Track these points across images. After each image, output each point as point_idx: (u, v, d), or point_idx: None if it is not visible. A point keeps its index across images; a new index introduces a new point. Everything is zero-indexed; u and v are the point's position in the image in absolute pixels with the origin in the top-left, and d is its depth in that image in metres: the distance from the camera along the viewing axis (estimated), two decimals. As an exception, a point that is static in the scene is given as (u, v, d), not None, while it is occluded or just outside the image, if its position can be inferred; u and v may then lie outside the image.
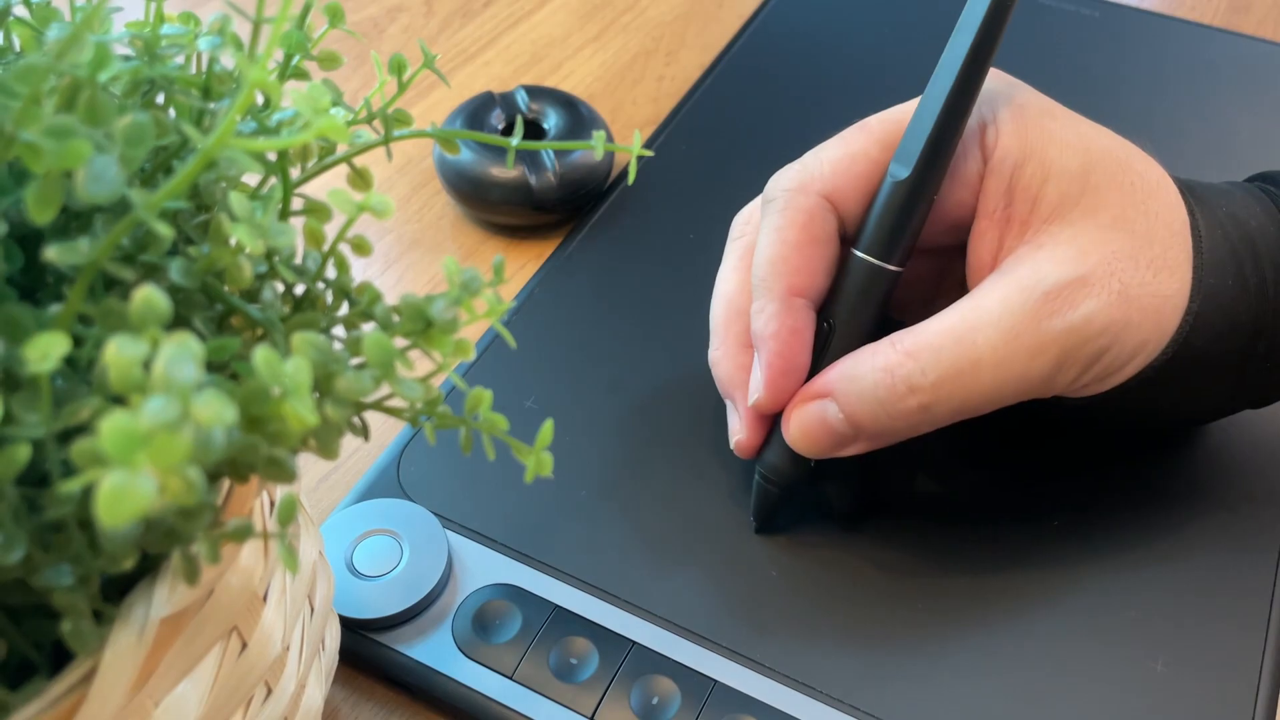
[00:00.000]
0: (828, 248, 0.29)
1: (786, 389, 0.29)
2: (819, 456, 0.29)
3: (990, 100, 0.29)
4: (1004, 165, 0.28)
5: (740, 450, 0.30)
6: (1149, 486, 0.32)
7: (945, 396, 0.27)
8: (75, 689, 0.16)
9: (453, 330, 0.18)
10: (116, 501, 0.12)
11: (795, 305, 0.28)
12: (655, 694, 0.28)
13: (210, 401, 0.13)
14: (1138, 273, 0.27)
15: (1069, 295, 0.26)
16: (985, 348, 0.26)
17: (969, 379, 0.26)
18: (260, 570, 0.20)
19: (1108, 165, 0.27)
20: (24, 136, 0.14)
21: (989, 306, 0.27)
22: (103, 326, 0.15)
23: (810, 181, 0.29)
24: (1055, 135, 0.28)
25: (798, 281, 0.28)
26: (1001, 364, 0.26)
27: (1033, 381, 0.27)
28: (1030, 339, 0.26)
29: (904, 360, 0.27)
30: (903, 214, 0.28)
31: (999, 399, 0.27)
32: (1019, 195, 0.28)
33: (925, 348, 0.27)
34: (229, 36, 0.19)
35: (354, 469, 0.34)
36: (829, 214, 0.29)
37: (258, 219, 0.16)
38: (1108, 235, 0.27)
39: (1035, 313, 0.26)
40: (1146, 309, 0.27)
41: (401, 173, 0.45)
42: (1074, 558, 0.31)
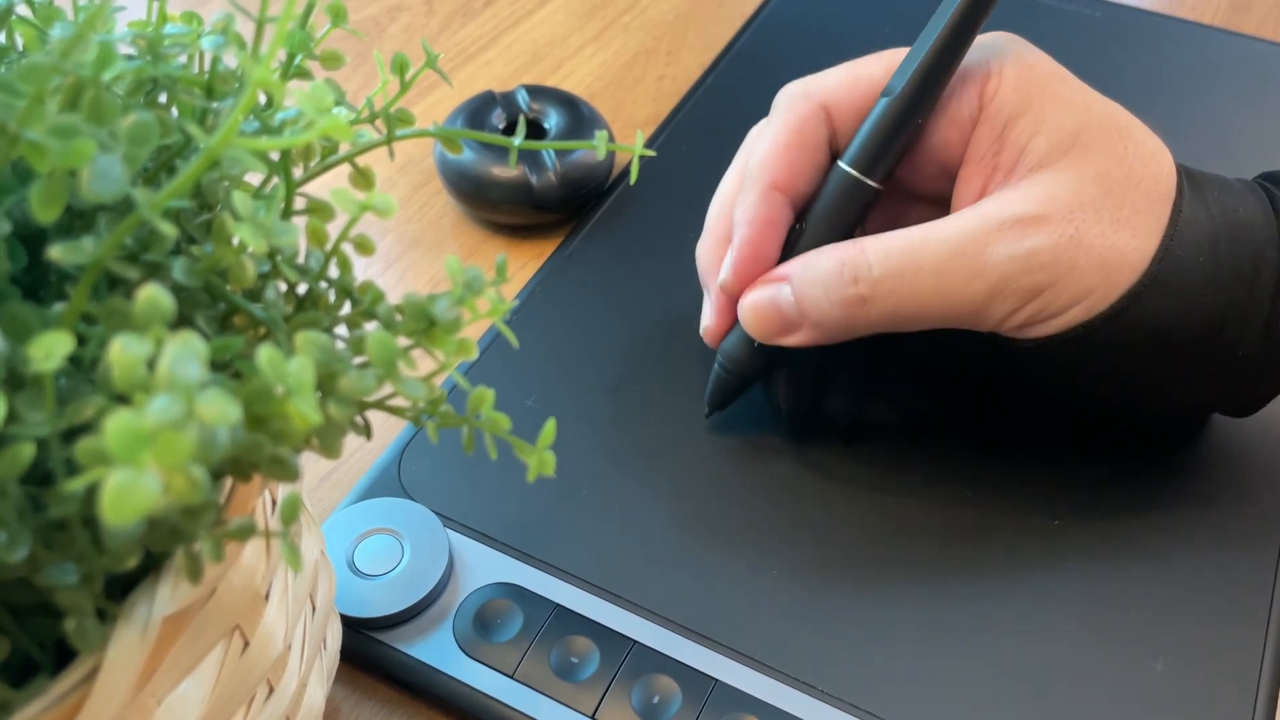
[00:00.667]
0: (816, 153, 0.30)
1: (750, 274, 0.30)
2: (765, 339, 0.30)
3: (1000, 54, 0.29)
4: (999, 115, 0.29)
5: (706, 335, 0.32)
6: (1149, 486, 0.32)
7: (884, 294, 0.28)
8: (78, 687, 0.16)
9: (455, 329, 0.18)
10: (121, 500, 0.12)
11: (773, 199, 0.30)
12: (656, 693, 0.28)
13: (214, 400, 0.13)
14: (1099, 224, 0.27)
15: (1021, 228, 0.27)
16: (930, 257, 0.28)
17: (909, 283, 0.28)
18: (263, 569, 0.20)
19: (1104, 127, 0.28)
20: (28, 135, 0.14)
21: (948, 225, 0.28)
22: (107, 325, 0.15)
23: (813, 91, 0.31)
24: (1057, 94, 0.28)
25: (780, 178, 0.30)
26: (941, 274, 0.28)
27: (968, 302, 0.28)
28: (972, 259, 0.27)
29: (857, 253, 0.28)
30: (890, 131, 0.29)
31: (932, 313, 0.28)
32: (1008, 145, 0.28)
33: (879, 247, 0.28)
34: (232, 36, 0.19)
35: (355, 468, 0.34)
36: (822, 122, 0.30)
37: (261, 218, 0.16)
38: (1081, 186, 0.27)
39: (985, 237, 0.27)
40: (1096, 258, 0.27)
41: (402, 172, 0.45)
42: (1074, 557, 0.31)
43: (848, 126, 0.30)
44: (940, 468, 0.33)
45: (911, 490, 0.32)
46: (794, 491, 0.32)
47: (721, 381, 0.32)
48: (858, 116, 0.30)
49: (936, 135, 0.30)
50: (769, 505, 0.32)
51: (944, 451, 0.33)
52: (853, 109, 0.30)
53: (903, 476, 0.33)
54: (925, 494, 0.32)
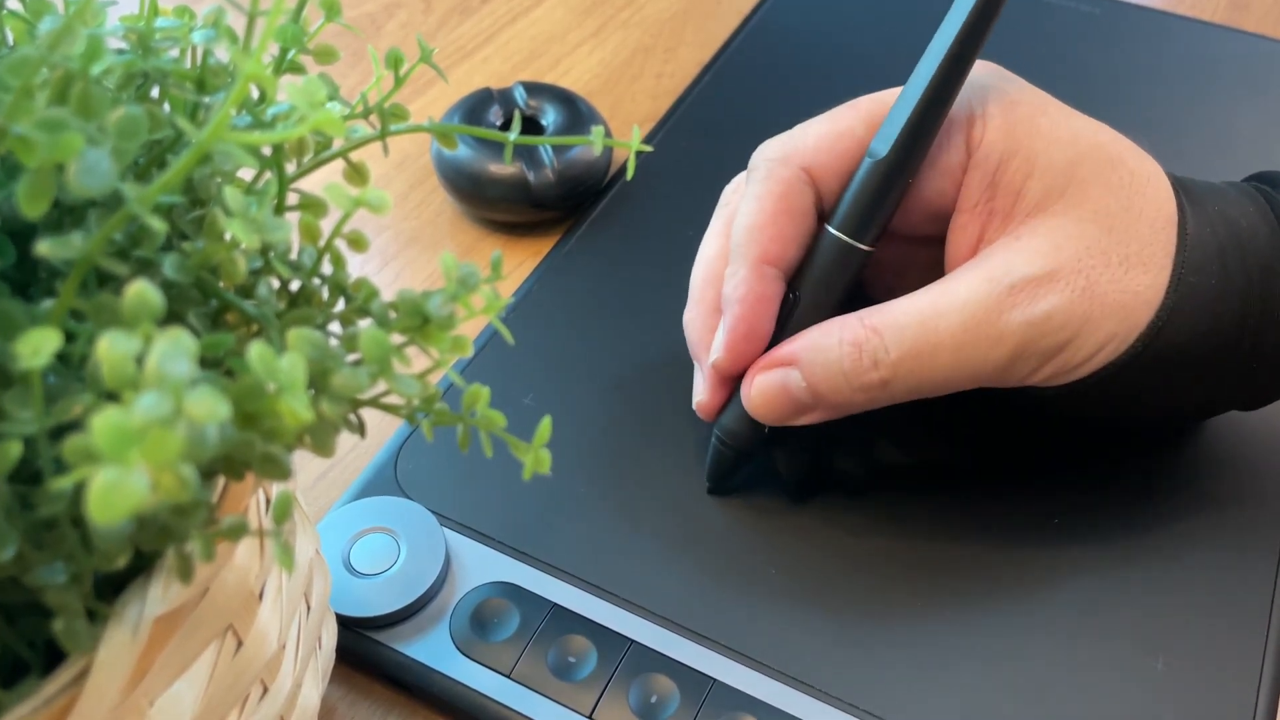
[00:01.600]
0: (803, 220, 0.29)
1: (746, 353, 0.29)
2: (776, 423, 0.30)
3: (981, 94, 0.29)
4: (989, 159, 0.28)
5: (701, 410, 0.31)
6: (1149, 485, 0.32)
7: (905, 374, 0.28)
8: (69, 688, 0.16)
9: (450, 326, 0.18)
10: (108, 499, 0.12)
11: (765, 273, 0.29)
12: (654, 692, 0.28)
13: (203, 398, 0.13)
14: (1108, 269, 0.27)
15: (1033, 290, 0.27)
16: (946, 333, 0.27)
17: (928, 360, 0.27)
18: (256, 568, 0.20)
19: (1096, 160, 0.28)
20: (16, 129, 0.14)
21: (956, 292, 0.27)
22: (95, 322, 0.15)
23: (793, 154, 0.30)
24: (1044, 131, 0.28)
25: (771, 250, 0.29)
26: (960, 349, 0.27)
27: (989, 370, 0.27)
28: (990, 329, 0.27)
29: (870, 336, 0.28)
30: (878, 194, 0.28)
31: (955, 382, 0.28)
32: (1002, 189, 0.28)
33: (891, 326, 0.28)
34: (224, 30, 0.18)
35: (351, 466, 0.34)
36: (807, 187, 0.29)
37: (253, 214, 0.16)
38: (1084, 230, 0.27)
39: (998, 304, 0.27)
40: (1112, 304, 0.27)
41: (399, 169, 0.45)
42: (1074, 557, 0.31)
43: (832, 188, 0.29)
44: (939, 467, 0.33)
45: (910, 489, 0.32)
46: (793, 492, 0.32)
47: (724, 458, 0.31)
48: (842, 177, 0.29)
49: (927, 187, 0.29)
50: (767, 504, 0.32)
51: (943, 451, 0.33)
52: (837, 170, 0.29)
53: (901, 476, 0.33)
54: (924, 493, 0.32)
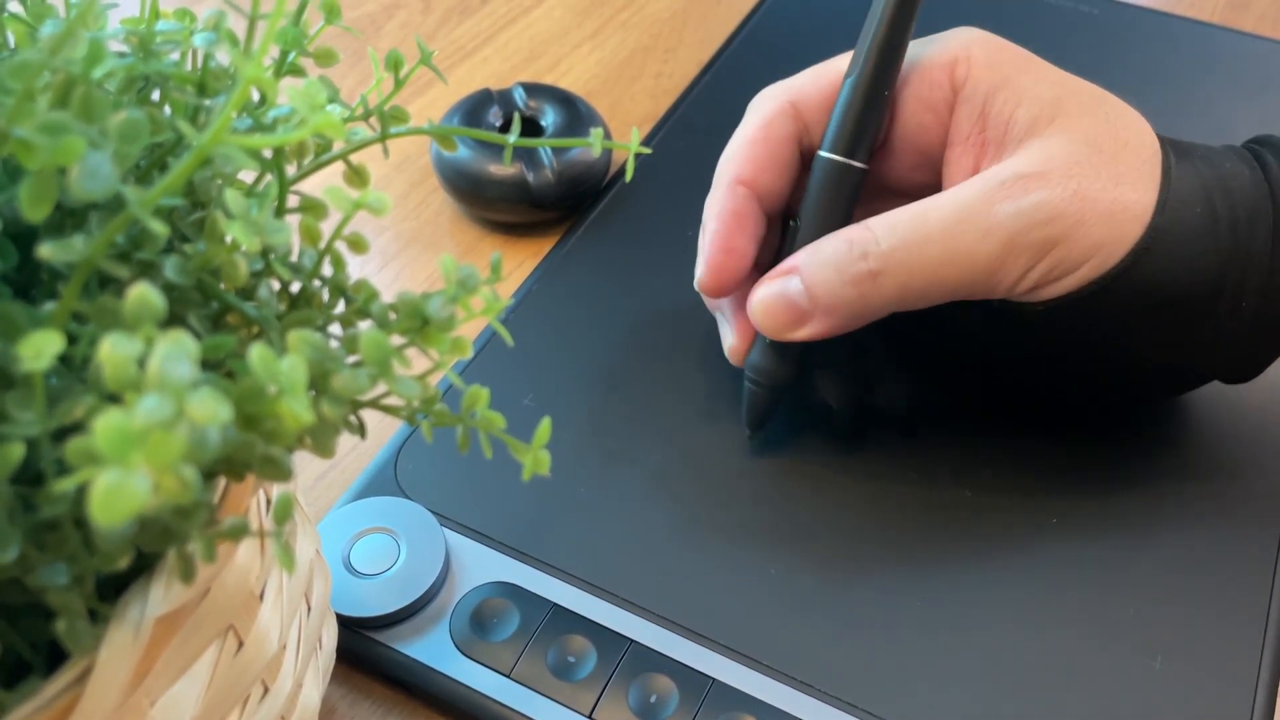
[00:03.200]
0: (781, 147, 0.31)
1: (723, 266, 0.30)
2: (777, 335, 0.30)
3: (965, 40, 0.30)
4: (976, 93, 0.29)
5: (731, 355, 0.32)
6: (1146, 484, 0.32)
7: (895, 265, 0.28)
8: (71, 688, 0.16)
9: (449, 328, 0.18)
10: (110, 500, 0.12)
11: (737, 192, 0.31)
12: (653, 692, 0.28)
13: (205, 400, 0.13)
14: (1098, 180, 0.27)
15: (1022, 184, 0.27)
16: (937, 223, 0.28)
17: (918, 251, 0.28)
18: (256, 569, 0.20)
19: (1082, 97, 0.29)
20: (17, 133, 0.14)
21: (950, 192, 0.28)
22: (97, 324, 0.15)
23: (780, 91, 0.31)
24: (1031, 69, 0.29)
25: (745, 171, 0.31)
26: (949, 239, 0.27)
27: (979, 264, 0.28)
28: (980, 219, 0.27)
29: (863, 231, 0.28)
30: (858, 110, 0.29)
31: (945, 282, 0.28)
32: (992, 120, 0.29)
33: (883, 221, 0.28)
34: (224, 33, 0.18)
35: (351, 467, 0.34)
36: (788, 118, 0.31)
37: (253, 216, 0.16)
38: (1074, 147, 0.28)
39: (988, 197, 0.27)
40: (1102, 212, 0.27)
41: (399, 170, 0.45)
42: (1071, 555, 0.31)
43: (817, 119, 0.31)
44: (938, 467, 0.33)
45: (909, 489, 0.32)
46: (791, 490, 0.32)
47: (756, 397, 0.32)
48: (825, 108, 0.31)
49: (911, 120, 0.30)
50: (766, 504, 0.32)
51: (941, 451, 0.33)
52: (820, 102, 0.31)
53: (900, 475, 0.33)
54: (923, 493, 0.32)
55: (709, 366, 0.35)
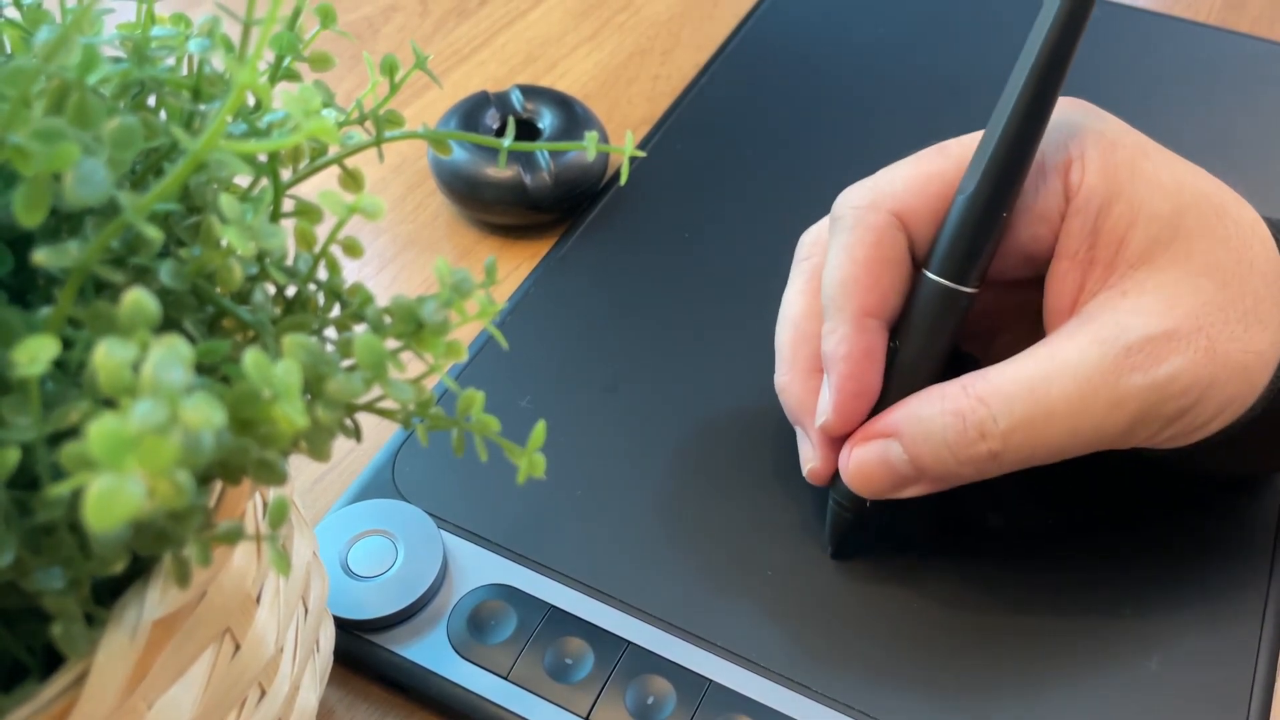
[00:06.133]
0: (899, 268, 0.28)
1: (857, 411, 0.28)
2: (876, 497, 0.28)
3: (1078, 135, 0.27)
4: (1089, 205, 0.26)
5: (814, 478, 0.30)
6: (1142, 485, 0.32)
7: (1015, 445, 0.26)
8: (67, 691, 0.16)
9: (444, 332, 0.18)
10: (105, 505, 0.12)
11: (868, 326, 0.27)
12: (650, 694, 0.28)
13: (199, 405, 0.13)
14: (1228, 327, 0.25)
15: (1152, 350, 0.25)
16: (1060, 399, 0.25)
17: (1041, 429, 0.26)
18: (253, 572, 0.20)
19: (1201, 210, 0.26)
20: (13, 139, 0.14)
21: (1066, 356, 0.26)
22: (92, 329, 0.15)
23: (881, 199, 0.28)
24: (1146, 175, 0.26)
25: (870, 301, 0.27)
26: (1076, 416, 0.25)
27: (1107, 436, 0.26)
28: (1108, 394, 0.25)
29: (976, 406, 0.26)
30: (972, 232, 0.27)
31: (1070, 450, 0.26)
32: (1104, 237, 0.26)
33: (997, 394, 0.26)
34: (219, 38, 0.18)
35: (349, 470, 0.34)
36: (899, 233, 0.28)
37: (248, 221, 0.16)
38: (1198, 285, 0.26)
39: (1115, 367, 0.25)
40: (1234, 366, 0.25)
41: (396, 173, 0.45)
42: (1068, 557, 0.31)
43: (925, 233, 0.28)
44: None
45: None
46: (787, 492, 0.32)
47: (840, 519, 0.30)
48: (933, 221, 0.28)
49: (1024, 232, 0.27)
50: (764, 506, 0.32)
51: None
52: (928, 214, 0.28)
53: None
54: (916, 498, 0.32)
55: (707, 368, 0.36)
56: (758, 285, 0.38)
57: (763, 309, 0.37)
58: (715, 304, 0.38)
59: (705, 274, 0.39)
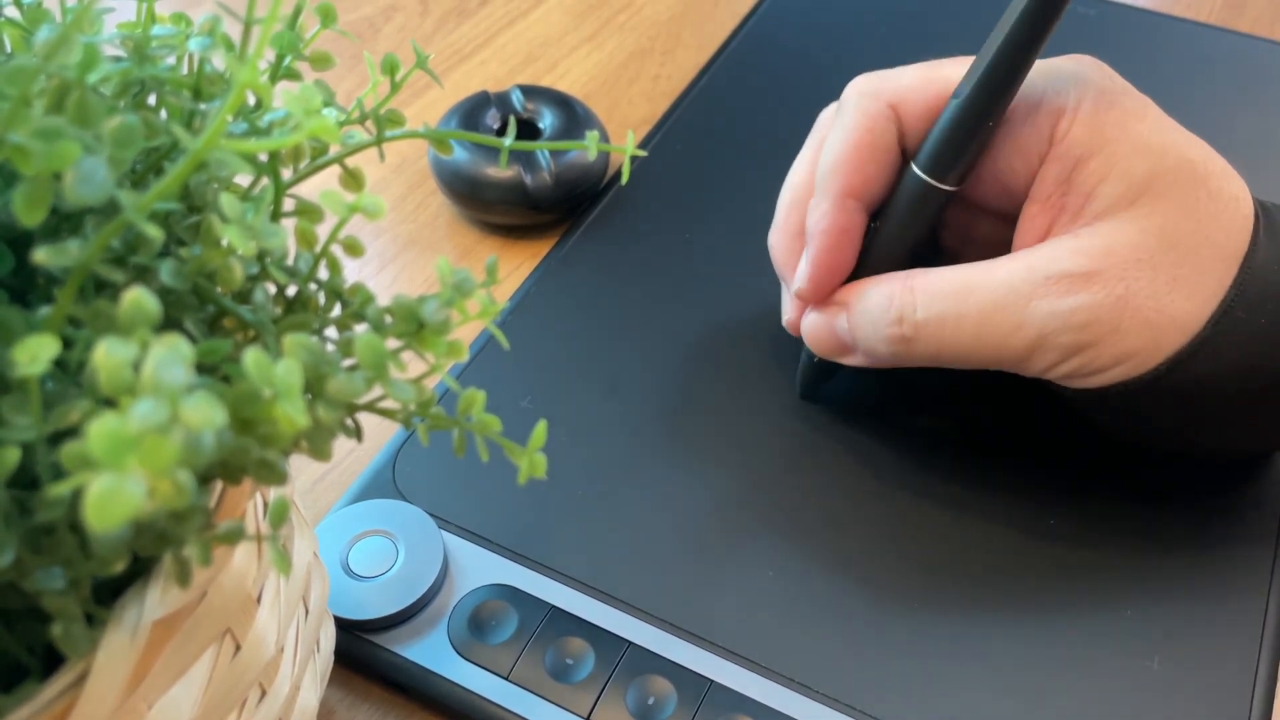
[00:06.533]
0: (886, 155, 0.30)
1: (827, 283, 0.30)
2: (825, 356, 0.31)
3: (1080, 86, 0.28)
4: (1068, 155, 0.28)
5: (789, 327, 0.33)
6: (1143, 484, 0.32)
7: (926, 336, 0.28)
8: (68, 691, 0.16)
9: (445, 331, 0.18)
10: (105, 505, 0.12)
11: (847, 206, 0.30)
12: (651, 694, 0.28)
13: (200, 404, 0.13)
14: (1152, 285, 0.26)
15: (1068, 285, 0.27)
16: (974, 307, 0.28)
17: (950, 329, 0.28)
18: (253, 572, 0.20)
19: (1178, 176, 0.27)
20: (13, 138, 0.14)
21: (995, 273, 0.28)
22: (93, 328, 0.15)
23: (883, 89, 0.30)
24: (1133, 136, 0.27)
25: (854, 183, 0.30)
26: (982, 326, 0.28)
27: (1007, 354, 0.28)
28: (1014, 313, 0.27)
29: (905, 293, 0.29)
30: (959, 135, 0.28)
31: (974, 358, 0.28)
32: (1075, 188, 0.28)
33: (928, 289, 0.28)
34: (220, 37, 0.18)
35: (349, 470, 0.34)
36: (890, 122, 0.30)
37: (249, 220, 0.16)
38: (1142, 239, 0.27)
39: (1029, 292, 0.27)
40: (1141, 320, 0.26)
41: (397, 172, 0.45)
42: (1068, 557, 0.31)
43: (917, 127, 0.30)
44: (934, 467, 0.33)
45: (906, 490, 0.32)
46: (789, 492, 0.32)
47: (810, 366, 0.34)
48: (928, 116, 0.29)
49: (1002, 160, 0.29)
50: (764, 506, 0.32)
51: (937, 451, 0.33)
52: (923, 109, 0.29)
53: (898, 477, 0.33)
54: (920, 494, 0.32)
55: (707, 368, 0.36)
56: (758, 285, 0.38)
57: (763, 309, 0.37)
58: (716, 303, 0.38)
59: (706, 274, 0.39)
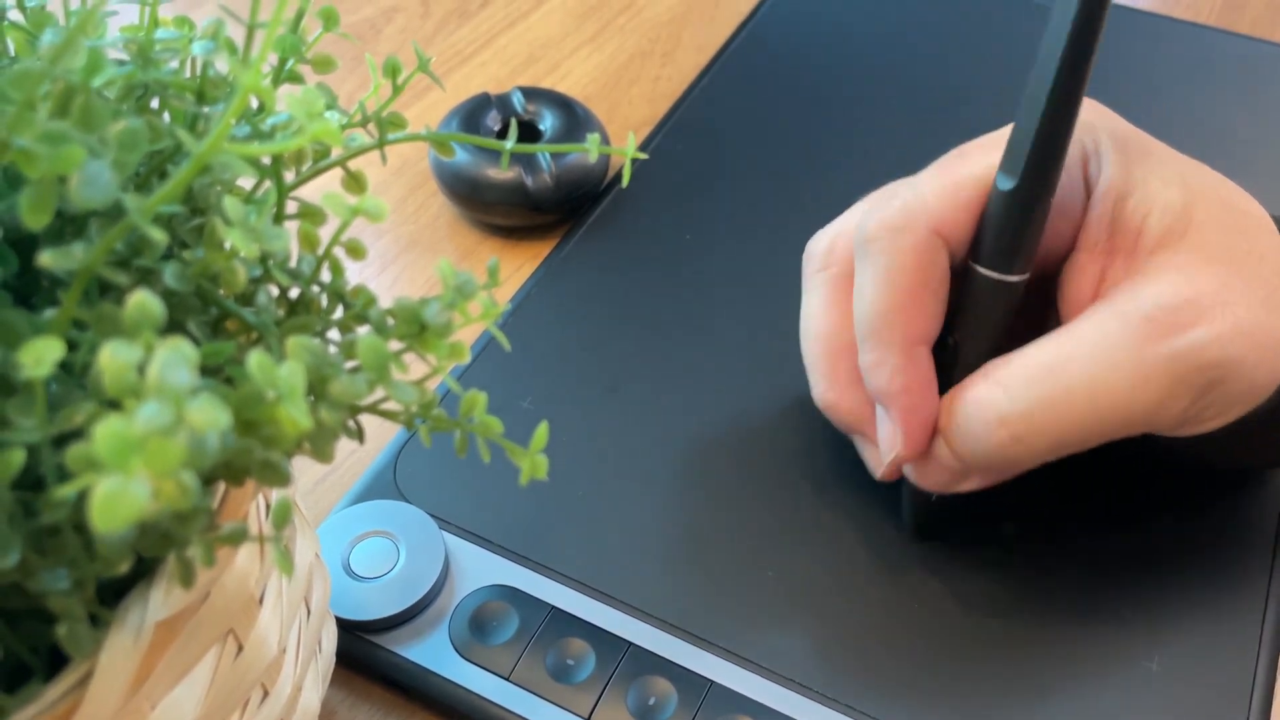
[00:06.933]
0: (941, 288, 0.27)
1: (924, 440, 0.28)
2: (939, 490, 0.29)
3: (1090, 131, 0.27)
4: (1107, 197, 0.27)
5: (886, 478, 0.30)
6: (1143, 485, 0.32)
7: (1037, 428, 0.25)
8: (72, 692, 0.16)
9: (447, 333, 0.18)
10: (110, 506, 0.12)
11: (918, 355, 0.27)
12: (652, 694, 0.28)
13: (204, 406, 0.13)
14: (1252, 309, 0.25)
15: (1176, 319, 0.24)
16: (1079, 376, 0.25)
17: (1062, 409, 0.25)
18: (256, 573, 0.20)
19: (1210, 202, 0.26)
20: (18, 142, 0.14)
21: (1084, 334, 0.25)
22: (97, 331, 0.15)
23: (916, 217, 0.27)
24: (1158, 169, 0.27)
25: (916, 329, 0.27)
26: (1097, 393, 0.25)
27: (1137, 412, 0.25)
28: (1131, 366, 0.24)
29: (992, 390, 0.26)
30: (1017, 222, 0.26)
31: (1099, 431, 0.25)
32: (1121, 228, 0.26)
33: (1015, 377, 0.26)
34: (223, 41, 0.19)
35: (351, 471, 0.34)
36: (940, 250, 0.27)
37: (252, 223, 0.16)
38: (1216, 268, 0.25)
39: (1136, 337, 0.24)
40: (1262, 345, 0.25)
41: (398, 174, 0.45)
42: (1068, 557, 0.31)
43: (961, 239, 0.27)
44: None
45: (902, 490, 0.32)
46: (788, 493, 0.32)
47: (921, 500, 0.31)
48: (969, 225, 0.27)
49: (1048, 228, 0.27)
50: (766, 506, 0.32)
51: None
52: (966, 221, 0.27)
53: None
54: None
55: (708, 368, 0.36)
56: (759, 286, 0.38)
57: (764, 309, 0.37)
58: (717, 305, 0.38)
59: (706, 275, 0.39)
